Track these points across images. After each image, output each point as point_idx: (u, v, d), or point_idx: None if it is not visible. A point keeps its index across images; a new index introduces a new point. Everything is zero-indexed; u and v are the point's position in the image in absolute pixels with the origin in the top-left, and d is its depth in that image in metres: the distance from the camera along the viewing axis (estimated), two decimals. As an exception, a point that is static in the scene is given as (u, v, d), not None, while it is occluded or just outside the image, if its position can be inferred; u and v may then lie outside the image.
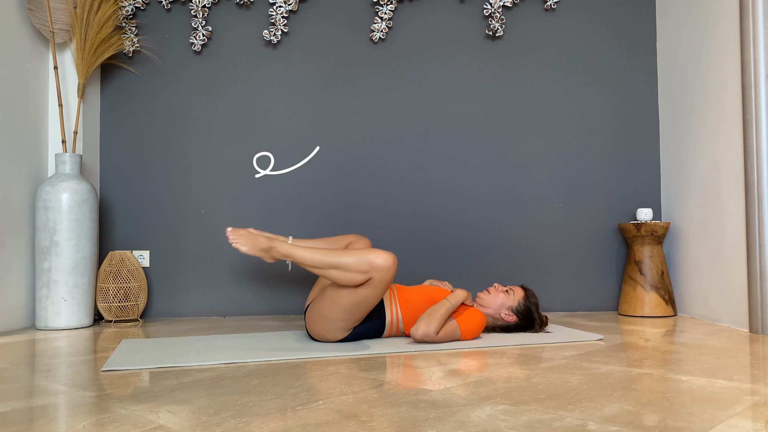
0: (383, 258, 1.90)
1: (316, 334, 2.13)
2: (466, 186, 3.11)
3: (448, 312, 2.11)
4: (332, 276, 1.93)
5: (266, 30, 3.09)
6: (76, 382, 1.56)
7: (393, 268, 1.91)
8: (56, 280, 2.58)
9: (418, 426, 1.15)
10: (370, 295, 1.96)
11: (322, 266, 1.93)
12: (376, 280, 1.92)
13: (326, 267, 1.92)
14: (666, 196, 3.10)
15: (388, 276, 1.92)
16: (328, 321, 2.06)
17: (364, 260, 1.90)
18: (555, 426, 1.15)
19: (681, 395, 1.38)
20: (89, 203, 2.67)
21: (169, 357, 1.87)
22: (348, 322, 2.06)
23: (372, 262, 1.89)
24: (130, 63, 3.08)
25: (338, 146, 3.10)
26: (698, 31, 2.77)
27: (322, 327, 2.09)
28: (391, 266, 1.91)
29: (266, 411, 1.27)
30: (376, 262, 1.89)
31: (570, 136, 3.14)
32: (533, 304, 2.31)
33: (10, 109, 2.58)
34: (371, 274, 1.90)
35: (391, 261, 1.91)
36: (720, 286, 2.61)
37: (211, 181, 3.07)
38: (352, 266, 1.90)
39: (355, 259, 1.90)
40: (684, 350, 1.96)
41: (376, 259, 1.90)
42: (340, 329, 2.08)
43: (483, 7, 3.13)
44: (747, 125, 2.38)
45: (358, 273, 1.90)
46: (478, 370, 1.67)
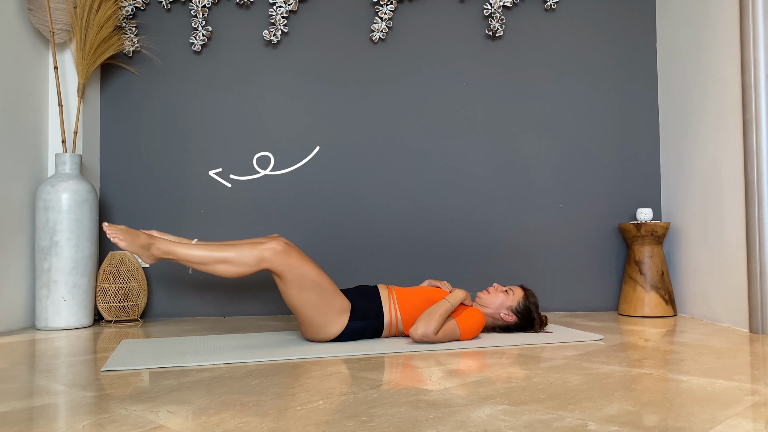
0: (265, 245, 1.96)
1: (314, 337, 2.13)
2: (466, 186, 3.11)
3: (448, 312, 2.11)
4: (221, 271, 1.94)
5: (266, 30, 3.09)
6: (76, 382, 1.56)
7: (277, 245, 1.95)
8: (56, 280, 2.58)
9: (418, 426, 1.15)
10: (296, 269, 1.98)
11: (207, 262, 1.93)
12: (276, 263, 1.96)
13: (212, 262, 1.93)
14: (666, 196, 3.10)
15: (281, 253, 1.95)
16: (306, 319, 2.08)
17: (252, 248, 1.95)
18: (555, 426, 1.15)
19: (681, 395, 1.38)
20: (89, 203, 2.67)
21: (169, 357, 1.87)
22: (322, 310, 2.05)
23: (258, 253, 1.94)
24: (130, 63, 3.08)
25: (338, 146, 3.10)
26: (698, 31, 2.77)
27: (310, 329, 2.10)
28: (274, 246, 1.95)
29: (266, 411, 1.27)
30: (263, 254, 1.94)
31: (570, 136, 3.14)
32: (533, 303, 2.31)
33: (10, 109, 2.58)
34: (262, 263, 1.95)
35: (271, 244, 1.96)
36: (720, 286, 2.61)
37: (211, 180, 3.07)
38: (238, 258, 1.93)
39: (240, 250, 1.94)
40: (684, 350, 1.96)
41: (264, 243, 1.97)
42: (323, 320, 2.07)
43: (483, 7, 3.13)
44: (747, 125, 2.38)
45: (246, 266, 1.94)
46: (477, 370, 1.67)
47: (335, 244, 3.06)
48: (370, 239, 3.07)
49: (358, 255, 3.06)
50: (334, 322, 2.09)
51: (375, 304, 2.17)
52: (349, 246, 3.07)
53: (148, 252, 1.92)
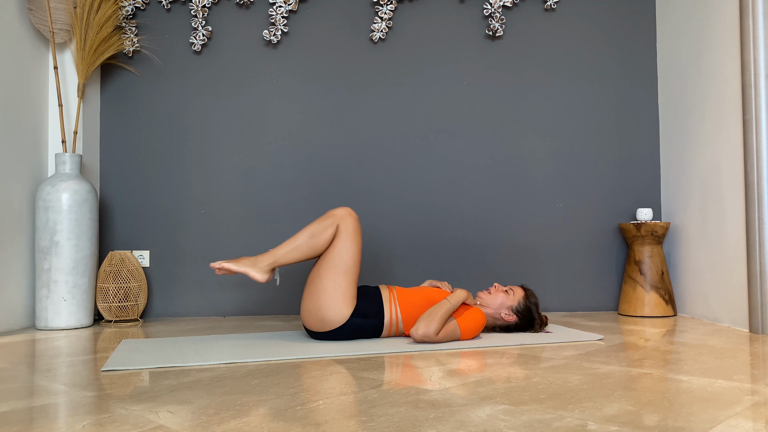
0: (342, 208, 2.20)
1: (315, 319, 2.12)
2: (466, 186, 3.11)
3: (449, 312, 2.11)
4: (311, 245, 2.13)
5: (266, 30, 3.09)
6: (76, 382, 1.56)
7: (353, 213, 2.18)
8: (56, 280, 2.58)
9: (418, 426, 1.15)
10: (344, 242, 2.14)
11: (300, 246, 2.13)
12: (342, 227, 2.15)
13: (304, 243, 2.13)
14: (666, 196, 3.10)
15: (352, 220, 2.16)
16: (322, 293, 2.10)
17: (326, 216, 2.17)
18: (555, 426, 1.15)
19: (681, 395, 1.38)
20: (89, 203, 2.67)
21: (169, 357, 1.87)
22: (341, 286, 2.10)
23: (333, 213, 2.17)
24: (130, 63, 3.08)
25: (338, 146, 3.10)
26: (698, 31, 2.77)
27: (318, 304, 2.11)
28: (350, 211, 2.18)
29: (266, 411, 1.27)
30: (336, 212, 2.17)
31: (570, 136, 3.14)
32: (533, 303, 2.31)
33: (10, 109, 2.58)
34: (336, 222, 2.15)
35: (348, 209, 2.20)
36: (720, 286, 2.61)
37: (211, 181, 3.07)
38: (320, 226, 2.14)
39: (318, 221, 2.17)
40: (684, 350, 1.96)
41: (335, 210, 2.18)
42: (336, 301, 2.09)
43: (483, 7, 3.13)
44: (747, 125, 2.38)
45: (327, 228, 2.14)
46: (477, 370, 1.67)
47: (335, 244, 3.06)
48: (369, 239, 3.07)
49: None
50: (341, 307, 2.11)
51: (376, 303, 2.17)
52: (349, 246, 3.06)
53: (254, 266, 2.10)
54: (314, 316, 2.12)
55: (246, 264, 2.10)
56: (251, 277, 2.10)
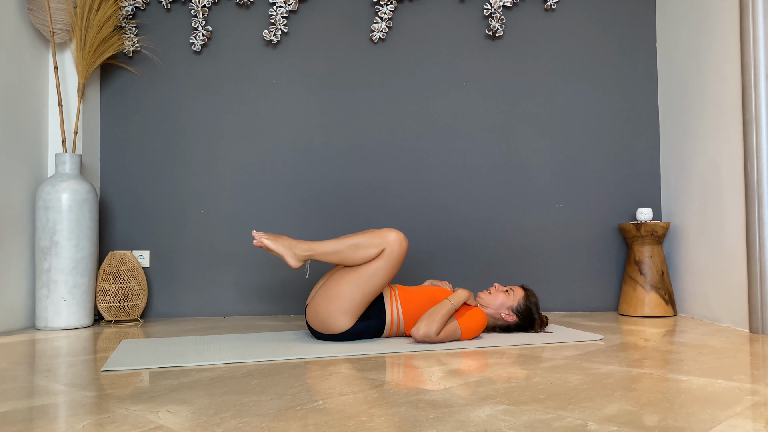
0: (396, 232, 2.10)
1: (320, 322, 2.12)
2: (466, 186, 3.11)
3: (450, 312, 2.11)
4: (350, 256, 2.07)
5: (266, 30, 3.09)
6: (76, 382, 1.56)
7: (405, 242, 2.10)
8: (56, 280, 2.58)
9: (418, 426, 1.15)
10: (382, 268, 2.07)
11: (341, 250, 2.07)
12: (388, 252, 2.07)
13: (345, 249, 2.07)
14: (666, 196, 3.10)
15: (400, 249, 2.08)
16: (335, 301, 2.08)
17: (378, 234, 2.09)
18: (555, 426, 1.15)
19: (681, 395, 1.38)
20: (89, 203, 2.67)
21: (169, 357, 1.87)
22: (355, 302, 2.08)
23: (385, 235, 2.08)
24: (130, 63, 3.08)
25: (338, 146, 3.10)
26: (698, 31, 2.77)
27: (328, 310, 2.09)
28: (403, 239, 2.09)
29: (266, 411, 1.27)
30: (389, 236, 2.09)
31: (570, 136, 3.14)
32: (533, 304, 2.31)
33: (10, 109, 2.58)
34: (384, 245, 2.07)
35: (402, 236, 2.10)
36: (720, 286, 2.61)
37: (211, 181, 3.07)
38: (367, 242, 2.07)
39: (368, 236, 2.09)
40: (684, 350, 1.96)
41: (389, 233, 2.09)
42: (345, 312, 2.08)
43: (483, 7, 3.13)
44: (747, 125, 2.38)
45: (373, 247, 2.07)
46: (478, 370, 1.67)
47: (335, 244, 3.06)
48: (370, 239, 3.07)
49: (358, 255, 3.06)
50: (348, 319, 2.10)
51: (377, 304, 2.17)
52: (349, 246, 3.06)
53: (291, 252, 2.08)
54: (320, 318, 2.12)
55: (284, 246, 2.08)
56: (285, 261, 2.09)
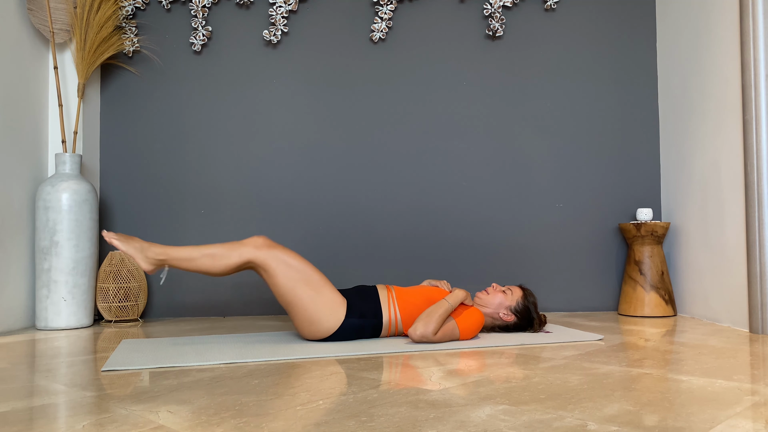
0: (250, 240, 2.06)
1: (309, 334, 2.13)
2: (466, 186, 3.11)
3: (447, 312, 2.11)
4: (206, 264, 2.02)
5: (266, 30, 3.09)
6: (76, 382, 1.56)
7: (265, 242, 2.06)
8: (56, 280, 2.58)
9: (418, 426, 1.15)
10: (287, 271, 2.04)
11: (194, 257, 2.02)
12: (267, 262, 2.04)
13: (199, 257, 2.02)
14: (666, 196, 3.10)
15: (268, 250, 2.04)
16: (304, 313, 2.07)
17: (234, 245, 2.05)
18: (555, 426, 1.15)
19: (681, 395, 1.38)
20: (89, 203, 2.67)
21: (169, 357, 1.87)
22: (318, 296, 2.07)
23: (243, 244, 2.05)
24: (130, 63, 3.08)
25: (338, 146, 3.10)
26: (698, 31, 2.77)
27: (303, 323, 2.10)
28: (260, 244, 2.04)
29: (266, 411, 1.27)
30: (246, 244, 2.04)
31: (570, 136, 3.14)
32: (531, 303, 2.31)
33: (10, 109, 2.58)
34: (247, 256, 2.03)
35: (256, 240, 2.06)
36: (720, 286, 2.61)
37: (211, 181, 3.07)
38: (224, 252, 2.03)
39: (227, 246, 2.04)
40: (684, 350, 1.96)
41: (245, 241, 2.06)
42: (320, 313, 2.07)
43: (483, 7, 3.13)
44: (747, 125, 2.38)
45: (232, 257, 2.02)
46: (477, 370, 1.67)
47: (335, 244, 3.06)
48: (369, 239, 3.07)
49: (357, 255, 3.06)
50: (329, 316, 2.08)
51: (373, 303, 2.17)
52: (349, 246, 3.07)
53: (143, 254, 2.01)
54: (307, 332, 2.13)
55: (135, 248, 2.01)
56: (137, 262, 2.04)
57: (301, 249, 3.05)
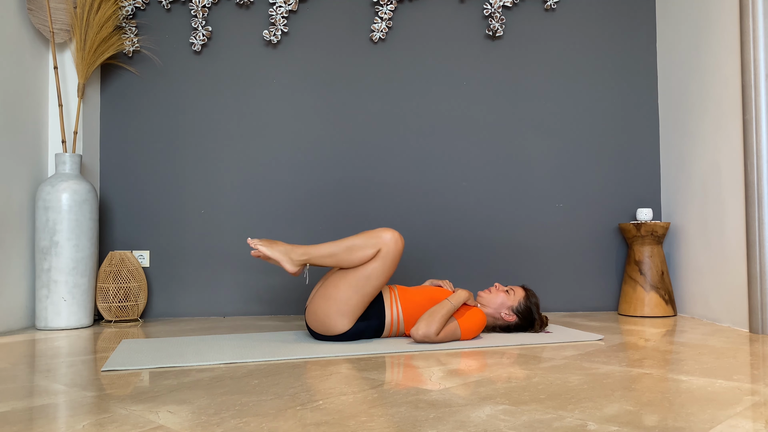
0: (391, 231, 2.09)
1: (319, 323, 2.12)
2: (467, 186, 3.11)
3: (450, 313, 2.11)
4: (346, 258, 2.06)
5: (266, 30, 3.09)
6: (76, 382, 1.56)
7: (400, 240, 2.09)
8: (56, 280, 2.58)
9: (418, 426, 1.15)
10: (378, 268, 2.06)
11: (337, 252, 2.06)
12: (383, 252, 2.06)
13: (341, 252, 2.06)
14: (666, 196, 3.10)
15: (396, 248, 2.07)
16: (333, 303, 2.08)
17: (373, 235, 2.08)
18: (555, 426, 1.15)
19: (681, 395, 1.38)
20: (89, 203, 2.67)
21: (169, 357, 1.87)
22: (352, 303, 2.07)
23: (381, 235, 2.07)
24: (130, 63, 3.08)
25: (338, 146, 3.10)
26: (698, 31, 2.77)
27: (326, 312, 2.09)
28: (398, 238, 2.08)
29: (266, 411, 1.27)
30: (384, 235, 2.08)
31: (570, 136, 3.14)
32: (534, 304, 2.31)
33: (10, 109, 2.58)
34: (380, 246, 2.06)
35: (397, 234, 2.09)
36: (720, 286, 2.61)
37: (211, 180, 3.07)
38: (363, 243, 2.06)
39: (364, 237, 2.08)
40: (684, 350, 1.96)
41: (384, 233, 2.08)
42: (344, 314, 2.08)
43: (483, 7, 3.13)
44: (747, 125, 2.38)
45: (369, 248, 2.06)
46: (478, 370, 1.67)
47: (335, 244, 3.06)
48: (370, 239, 3.07)
49: (358, 255, 3.06)
50: (347, 321, 2.10)
51: (377, 304, 2.17)
52: (349, 246, 3.06)
53: (288, 257, 2.06)
54: (319, 320, 2.12)
55: (281, 251, 2.05)
56: (283, 267, 2.07)
57: (301, 249, 3.05)
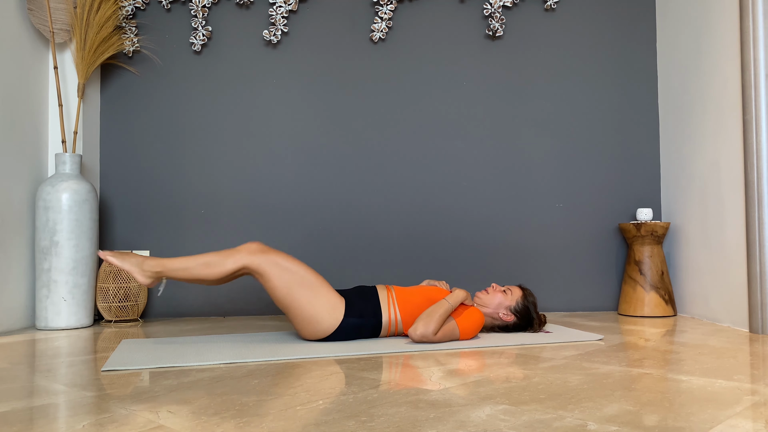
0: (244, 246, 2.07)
1: (308, 334, 2.13)
2: (466, 186, 3.11)
3: (447, 312, 2.11)
4: (202, 273, 2.03)
5: (266, 30, 3.09)
6: (76, 382, 1.56)
7: (259, 247, 2.06)
8: (56, 280, 2.58)
9: (418, 426, 1.15)
10: (283, 275, 2.04)
11: (190, 266, 2.03)
12: (263, 267, 2.04)
13: (194, 266, 2.03)
14: (666, 196, 3.10)
15: (262, 255, 2.04)
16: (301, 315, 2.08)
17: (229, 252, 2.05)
18: (555, 426, 1.15)
19: (681, 395, 1.38)
20: (89, 203, 2.67)
21: (169, 357, 1.87)
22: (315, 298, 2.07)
23: (238, 250, 2.05)
24: (130, 63, 3.08)
25: (338, 146, 3.10)
26: (698, 31, 2.77)
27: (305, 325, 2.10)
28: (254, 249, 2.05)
29: (266, 411, 1.27)
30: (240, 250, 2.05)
31: (570, 136, 3.14)
32: (531, 303, 2.31)
33: (10, 109, 2.58)
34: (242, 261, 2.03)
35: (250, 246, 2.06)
36: (720, 286, 2.61)
37: (211, 181, 3.07)
38: (220, 259, 2.03)
39: (221, 253, 2.05)
40: (684, 350, 1.96)
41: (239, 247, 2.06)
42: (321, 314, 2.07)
43: (483, 7, 3.13)
44: (747, 125, 2.38)
45: (228, 264, 2.03)
46: (477, 370, 1.67)
47: (335, 244, 3.06)
48: (369, 240, 3.07)
49: (357, 256, 3.06)
50: (327, 316, 2.08)
51: (372, 303, 2.17)
52: (349, 247, 3.07)
53: (140, 268, 2.03)
54: (306, 333, 2.13)
55: (132, 262, 2.03)
56: (134, 277, 2.04)
57: (300, 249, 3.05)
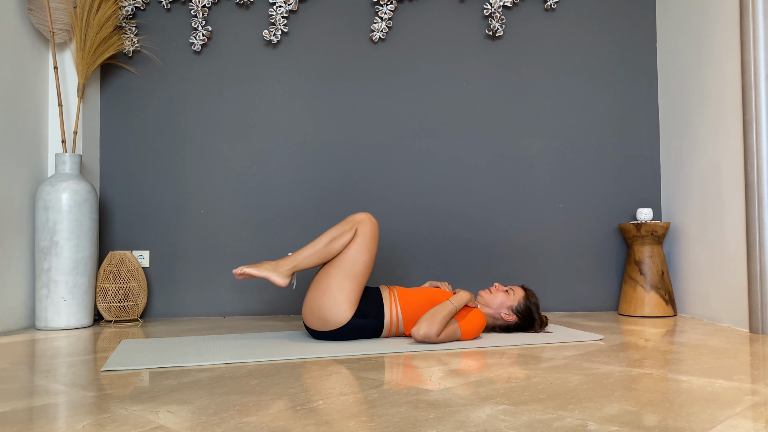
0: (362, 213, 2.22)
1: (316, 318, 2.13)
2: (466, 186, 3.11)
3: (451, 314, 2.11)
4: (329, 250, 2.15)
5: (266, 30, 3.09)
6: (76, 382, 1.56)
7: (373, 219, 2.21)
8: (56, 280, 2.58)
9: (418, 426, 1.15)
10: (360, 247, 2.15)
11: (319, 249, 2.15)
12: (360, 231, 2.17)
13: (324, 247, 2.15)
14: (666, 196, 3.10)
15: (371, 224, 2.18)
16: (328, 292, 2.11)
17: (346, 220, 2.20)
18: (555, 426, 1.15)
19: (681, 395, 1.38)
20: (89, 203, 2.67)
21: (169, 357, 1.87)
22: (346, 289, 2.11)
23: (353, 218, 2.19)
24: (130, 63, 3.08)
25: (338, 146, 3.10)
26: (698, 31, 2.77)
27: (323, 303, 2.11)
28: (370, 217, 2.20)
29: (266, 411, 1.27)
30: (356, 217, 2.19)
31: (570, 135, 3.14)
32: (533, 304, 2.31)
33: (10, 109, 2.58)
34: (355, 226, 2.17)
35: (368, 214, 2.21)
36: (720, 286, 2.61)
37: (211, 181, 3.07)
38: (339, 231, 2.16)
39: (338, 226, 2.19)
40: (684, 350, 1.96)
41: (355, 215, 2.21)
42: (340, 302, 2.10)
43: (483, 7, 3.13)
44: (747, 125, 2.38)
45: (346, 233, 2.16)
46: (478, 370, 1.67)
47: (335, 244, 3.06)
48: (370, 239, 3.07)
49: (358, 255, 3.06)
50: (342, 311, 2.11)
51: (376, 304, 2.17)
52: (349, 246, 3.06)
53: (276, 271, 2.13)
54: (316, 315, 2.13)
55: (267, 269, 2.12)
56: (273, 281, 2.12)
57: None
